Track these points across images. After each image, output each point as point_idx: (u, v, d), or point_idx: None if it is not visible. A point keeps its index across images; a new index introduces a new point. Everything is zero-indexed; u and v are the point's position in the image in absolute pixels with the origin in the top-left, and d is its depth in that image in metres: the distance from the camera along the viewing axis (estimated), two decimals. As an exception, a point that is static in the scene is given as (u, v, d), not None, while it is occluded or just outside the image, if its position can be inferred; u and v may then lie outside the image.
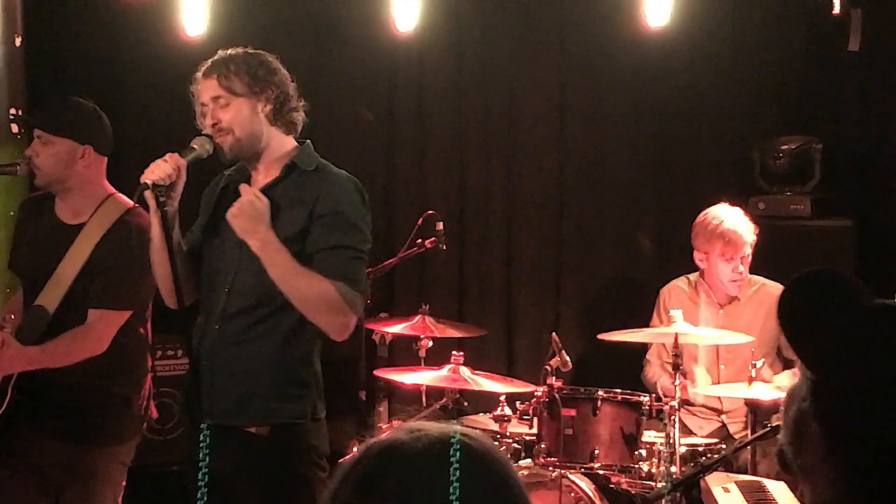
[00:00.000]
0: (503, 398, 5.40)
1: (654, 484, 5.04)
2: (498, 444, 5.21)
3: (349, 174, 3.99)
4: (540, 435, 5.22)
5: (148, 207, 3.82)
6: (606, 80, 7.12)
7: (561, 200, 7.19)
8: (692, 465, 5.07)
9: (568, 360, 5.26)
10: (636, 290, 6.95)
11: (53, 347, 4.38)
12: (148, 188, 3.73)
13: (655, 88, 7.05)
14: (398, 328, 5.87)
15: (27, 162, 4.58)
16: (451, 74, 7.20)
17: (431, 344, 5.83)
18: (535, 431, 5.28)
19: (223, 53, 3.95)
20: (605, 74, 7.11)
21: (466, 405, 5.72)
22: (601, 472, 5.15)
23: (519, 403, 5.36)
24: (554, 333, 5.48)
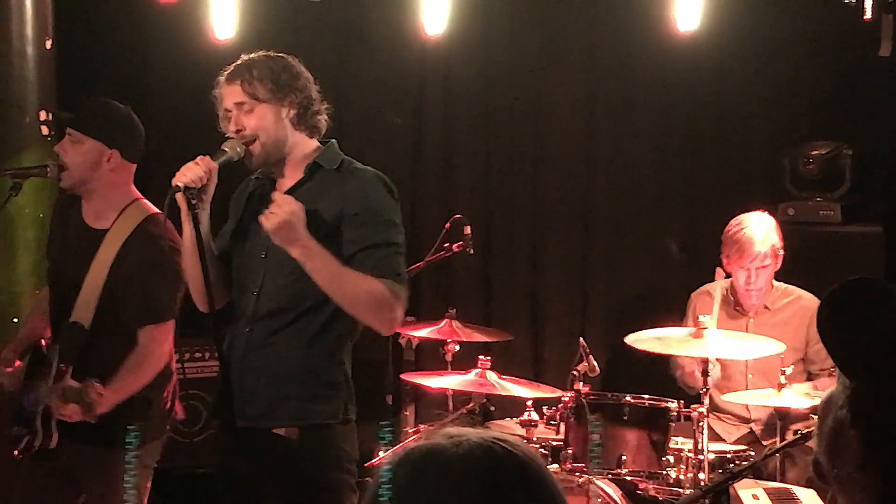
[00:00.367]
0: (530, 403, 5.39)
1: (681, 490, 5.02)
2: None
3: (375, 170, 3.98)
4: (567, 440, 5.21)
5: (179, 210, 3.83)
6: (635, 84, 7.10)
7: (589, 204, 7.17)
8: (720, 471, 5.05)
9: (595, 365, 5.25)
10: (664, 295, 6.92)
11: (124, 384, 4.39)
12: (179, 191, 3.73)
13: (684, 93, 7.02)
14: (425, 332, 5.86)
15: (57, 164, 4.60)
16: (478, 79, 7.20)
17: (458, 348, 5.83)
18: (561, 437, 5.27)
19: (245, 58, 3.95)
20: (633, 78, 7.09)
21: (493, 410, 5.70)
22: (628, 478, 5.13)
23: (546, 408, 5.36)
24: (581, 338, 5.47)
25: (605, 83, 7.15)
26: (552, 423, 5.32)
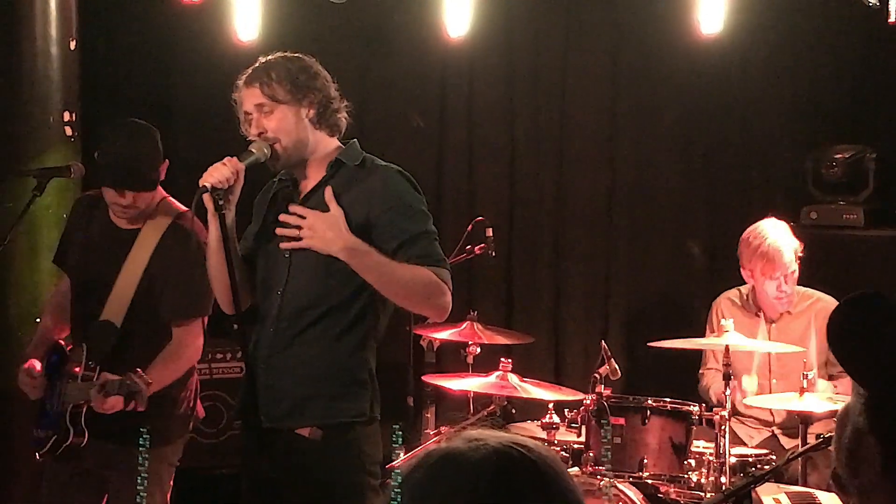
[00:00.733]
0: (551, 406, 5.39)
1: (703, 494, 5.00)
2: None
3: (397, 165, 3.99)
4: (588, 443, 5.20)
5: (206, 211, 3.83)
6: (658, 87, 7.09)
7: (611, 207, 7.17)
8: (741, 475, 5.03)
9: (617, 368, 5.24)
10: (686, 298, 6.92)
11: (160, 377, 4.40)
12: (206, 191, 3.74)
13: (708, 96, 7.01)
14: (446, 334, 5.86)
15: (80, 165, 4.62)
16: (501, 81, 7.20)
17: (479, 350, 5.82)
18: (583, 440, 5.26)
19: (263, 60, 3.96)
20: (657, 81, 7.08)
21: (514, 412, 5.70)
22: (650, 481, 5.12)
23: (567, 411, 5.35)
24: (603, 341, 5.46)
25: (628, 86, 7.14)
26: (573, 426, 5.31)
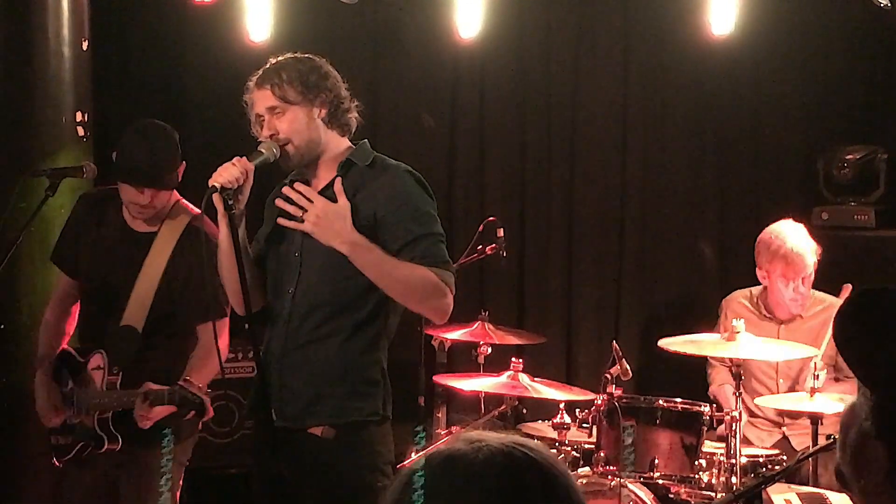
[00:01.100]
0: (562, 406, 5.39)
1: (713, 494, 5.00)
2: (556, 452, 5.19)
3: (407, 166, 3.99)
4: (599, 443, 5.19)
5: (216, 211, 3.84)
6: (669, 87, 7.09)
7: (622, 208, 7.16)
8: (752, 475, 5.03)
9: (628, 368, 5.24)
10: (697, 298, 6.91)
11: (200, 380, 4.43)
12: (216, 191, 3.74)
13: (719, 97, 7.01)
14: (457, 334, 5.85)
15: (93, 165, 4.63)
16: (513, 81, 7.20)
17: (490, 350, 5.82)
18: (594, 440, 5.25)
19: (273, 62, 3.97)
20: (668, 82, 7.08)
21: (525, 412, 5.71)
22: (660, 481, 5.11)
23: (578, 411, 5.34)
24: (614, 341, 5.46)
25: (639, 87, 7.13)
26: (584, 426, 5.31)
